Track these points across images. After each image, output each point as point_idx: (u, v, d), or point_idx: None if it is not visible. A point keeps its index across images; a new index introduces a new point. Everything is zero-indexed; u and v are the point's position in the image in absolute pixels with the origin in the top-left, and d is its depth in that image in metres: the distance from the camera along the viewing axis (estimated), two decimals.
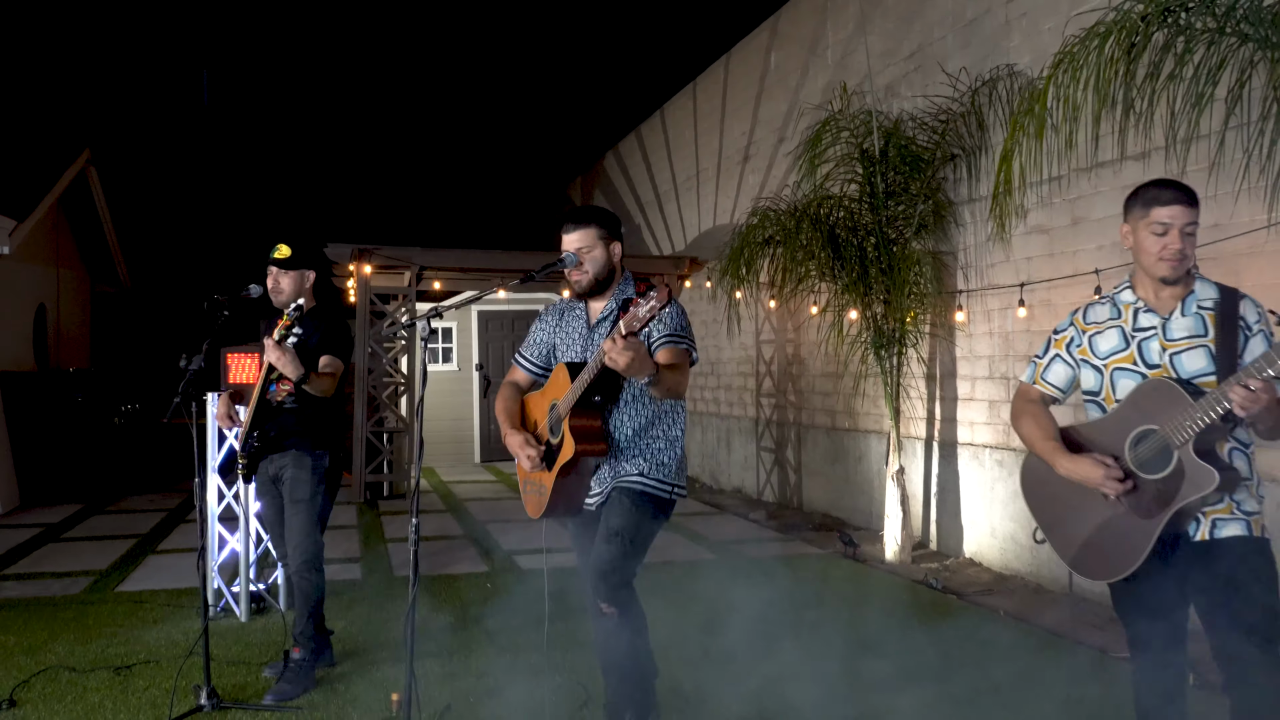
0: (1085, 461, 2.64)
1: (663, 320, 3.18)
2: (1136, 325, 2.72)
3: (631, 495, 3.23)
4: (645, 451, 3.27)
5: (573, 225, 3.29)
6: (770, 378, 10.62)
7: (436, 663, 4.59)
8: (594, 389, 3.10)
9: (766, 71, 10.81)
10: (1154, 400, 2.58)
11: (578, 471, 3.23)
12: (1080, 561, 2.72)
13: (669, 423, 3.34)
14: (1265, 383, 2.34)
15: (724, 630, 5.08)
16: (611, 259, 3.32)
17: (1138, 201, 2.70)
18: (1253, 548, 2.58)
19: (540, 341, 3.50)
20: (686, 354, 3.18)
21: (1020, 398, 2.94)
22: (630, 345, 2.75)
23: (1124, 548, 2.58)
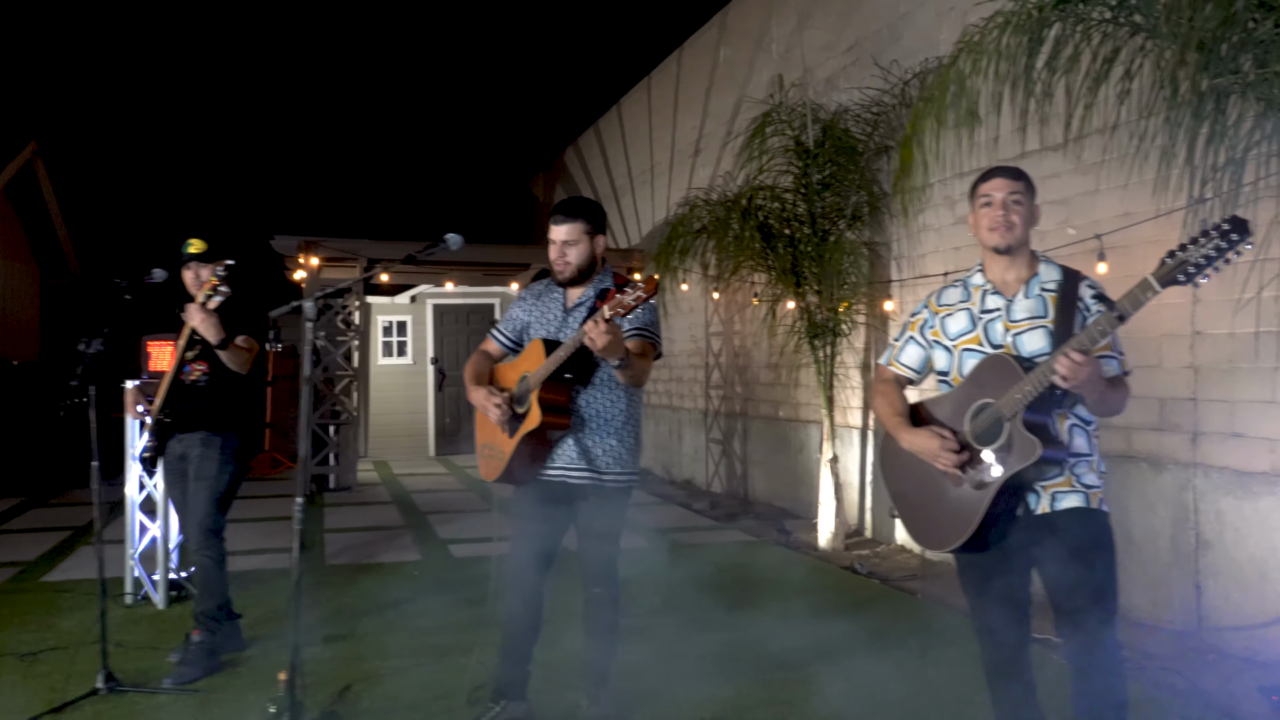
0: (924, 434, 2.70)
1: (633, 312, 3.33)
2: (984, 307, 2.78)
3: (617, 497, 3.46)
4: (614, 437, 3.44)
5: (562, 218, 3.45)
6: (719, 369, 10.67)
7: (347, 646, 4.61)
8: (567, 366, 3.27)
9: (715, 66, 10.86)
10: (991, 375, 2.63)
11: (539, 442, 3.38)
12: (921, 532, 2.77)
13: (634, 410, 3.55)
14: (1085, 355, 2.40)
15: (634, 613, 5.11)
16: (594, 251, 3.49)
17: (973, 191, 2.81)
18: (1091, 519, 2.64)
19: (517, 318, 3.65)
20: (653, 347, 3.42)
21: (877, 378, 3.02)
22: (611, 329, 2.96)
23: (958, 518, 2.63)
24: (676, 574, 6.08)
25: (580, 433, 3.40)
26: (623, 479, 3.45)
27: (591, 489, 3.41)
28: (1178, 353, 4.99)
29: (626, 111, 13.99)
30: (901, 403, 2.89)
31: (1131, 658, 4.52)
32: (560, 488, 3.43)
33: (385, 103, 20.36)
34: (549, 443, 3.41)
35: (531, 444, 3.36)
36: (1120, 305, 2.41)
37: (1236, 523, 4.68)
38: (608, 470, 3.41)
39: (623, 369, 3.17)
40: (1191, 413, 4.93)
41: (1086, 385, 2.44)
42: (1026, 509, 2.66)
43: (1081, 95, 4.11)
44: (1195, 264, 2.29)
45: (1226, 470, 4.73)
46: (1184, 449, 4.96)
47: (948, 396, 2.78)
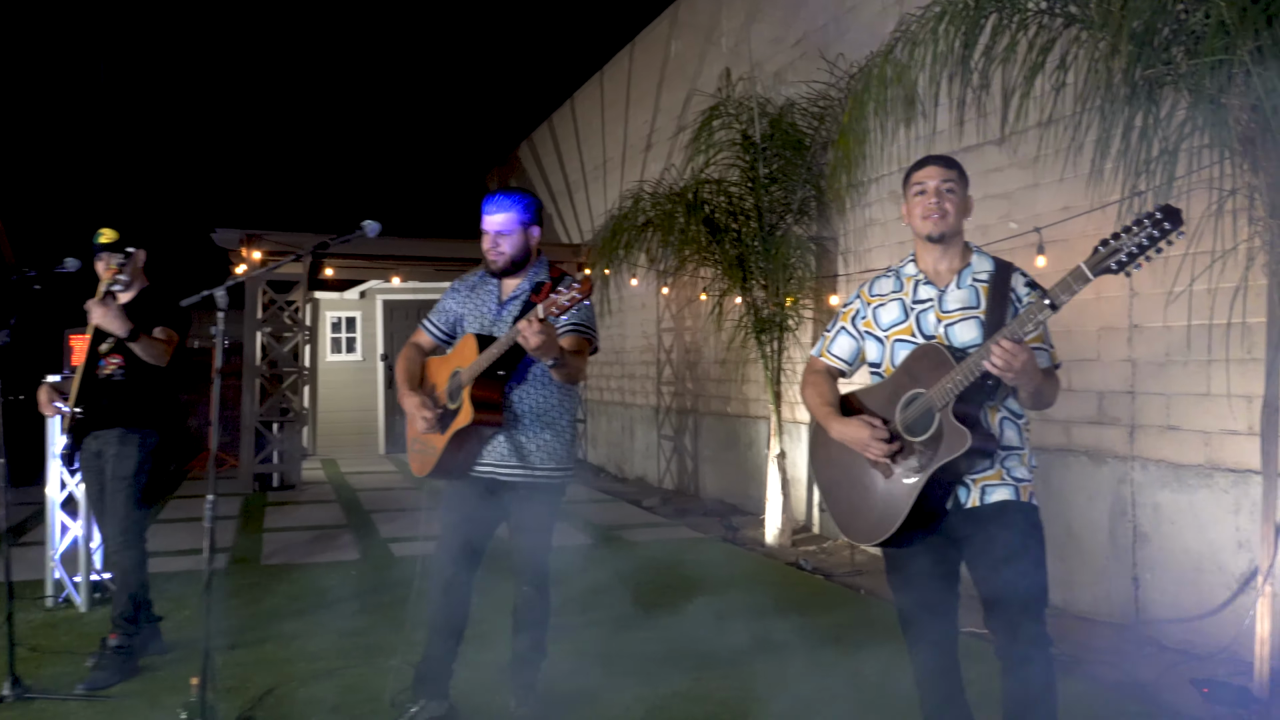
0: (854, 424, 2.65)
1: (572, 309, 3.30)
2: (916, 297, 2.74)
3: (549, 493, 3.41)
4: (548, 431, 3.38)
5: (495, 207, 3.39)
6: (670, 366, 10.61)
7: (273, 648, 4.48)
8: (500, 363, 3.21)
9: (667, 60, 10.80)
10: (923, 364, 2.59)
11: (470, 438, 3.32)
12: (850, 525, 2.71)
13: (569, 405, 3.49)
14: (1018, 343, 2.35)
15: (566, 612, 5.02)
16: (529, 242, 3.42)
17: (906, 179, 2.77)
18: (1020, 513, 2.60)
19: (449, 309, 3.57)
20: (589, 343, 3.37)
21: (808, 369, 2.96)
22: (545, 329, 2.92)
23: (887, 511, 2.58)
24: (617, 572, 6.01)
25: (514, 429, 3.33)
26: (557, 474, 3.40)
27: (524, 484, 3.35)
28: (1115, 346, 5.00)
29: (580, 106, 13.89)
30: (832, 393, 2.84)
31: (1069, 651, 4.52)
32: (491, 484, 3.37)
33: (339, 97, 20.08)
34: (481, 439, 3.34)
35: (463, 440, 3.30)
36: (1052, 294, 2.37)
37: (1173, 515, 4.69)
38: (541, 465, 3.35)
39: (557, 367, 3.13)
40: (1129, 406, 4.94)
41: (1023, 375, 2.39)
42: (956, 502, 2.62)
43: (1018, 85, 4.08)
44: (1128, 253, 2.26)
45: (1163, 463, 4.75)
46: (1122, 442, 4.97)
47: (879, 387, 2.73)
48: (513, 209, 3.36)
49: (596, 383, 13.09)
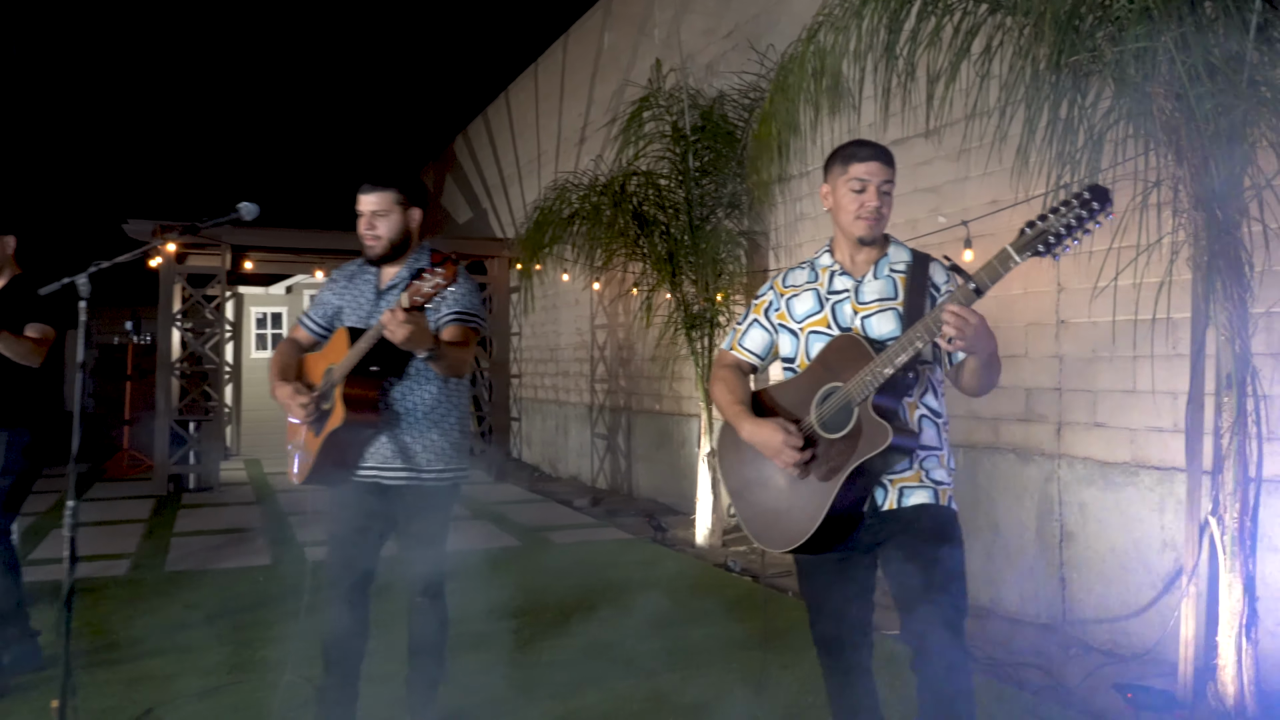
0: (768, 426, 2.48)
1: (452, 297, 3.09)
2: (831, 288, 2.59)
3: (439, 496, 3.17)
4: (434, 430, 3.15)
5: (370, 187, 3.12)
6: (603, 363, 10.42)
7: (163, 662, 4.20)
8: (372, 359, 2.96)
9: (600, 51, 10.60)
10: (840, 356, 2.43)
11: (347, 439, 3.06)
12: (762, 530, 2.55)
13: (457, 401, 3.24)
14: (965, 308, 2.20)
15: (479, 619, 4.82)
16: (408, 225, 3.16)
17: (836, 160, 2.58)
18: (939, 517, 2.46)
19: (326, 302, 3.29)
20: (474, 333, 3.12)
21: (717, 364, 2.79)
22: (410, 320, 2.68)
23: (801, 514, 2.41)
24: (538, 575, 5.82)
25: (396, 428, 3.09)
26: (446, 476, 3.15)
27: (410, 489, 3.10)
28: (1043, 342, 4.92)
29: (514, 99, 13.63)
30: (743, 390, 2.67)
31: (996, 654, 4.43)
32: (375, 488, 3.11)
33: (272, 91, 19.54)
34: (360, 440, 3.09)
35: (339, 442, 3.03)
36: (977, 278, 2.23)
37: (1099, 514, 4.62)
38: (428, 468, 3.11)
39: (434, 360, 2.90)
40: (1056, 403, 4.86)
41: (978, 339, 2.23)
42: (873, 505, 2.46)
43: (943, 72, 3.95)
44: (1055, 234, 2.14)
45: (1090, 461, 4.67)
46: (1049, 440, 4.89)
47: (793, 381, 2.57)
48: (390, 188, 3.11)
49: (530, 380, 12.85)
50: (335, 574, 3.16)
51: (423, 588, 3.21)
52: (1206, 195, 3.34)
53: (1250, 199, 3.43)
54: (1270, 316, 3.82)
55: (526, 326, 12.89)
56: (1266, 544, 3.84)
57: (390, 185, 3.10)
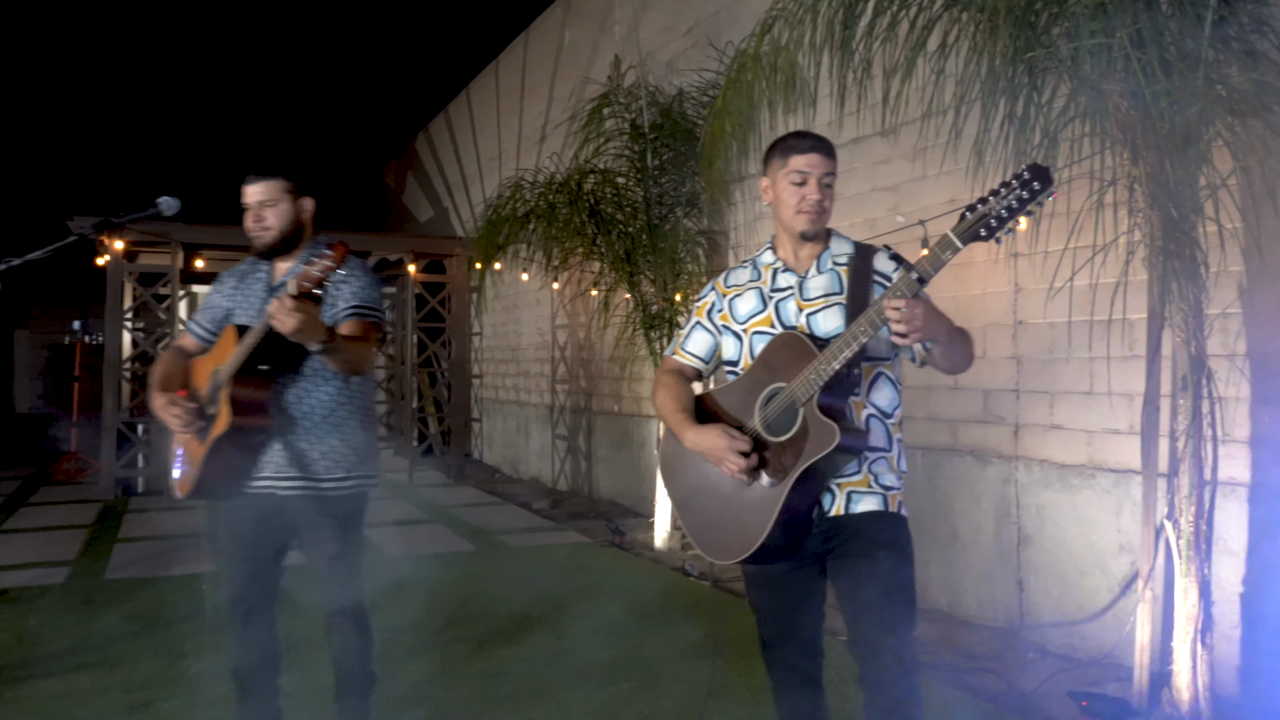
0: (711, 432, 2.37)
1: (349, 289, 2.89)
2: (775, 286, 2.49)
3: (343, 507, 2.91)
4: (334, 435, 2.91)
5: (255, 177, 2.92)
6: (564, 363, 10.30)
7: (92, 676, 4.04)
8: (261, 356, 2.74)
9: (561, 48, 10.48)
10: (783, 355, 2.34)
11: (236, 447, 2.81)
12: (709, 541, 2.44)
13: (361, 402, 3.01)
14: (906, 299, 2.10)
15: (426, 628, 4.70)
16: (300, 214, 2.96)
17: (776, 152, 2.48)
18: (888, 524, 2.37)
19: (216, 305, 3.05)
20: (374, 328, 2.90)
21: (660, 370, 2.68)
22: (300, 308, 2.47)
23: (749, 523, 2.31)
24: (490, 582, 5.70)
25: (291, 434, 2.84)
26: (349, 484, 2.91)
27: (309, 500, 2.85)
28: (1001, 343, 4.87)
29: (475, 96, 13.48)
30: (685, 397, 2.56)
31: (953, 659, 4.36)
32: (270, 501, 2.86)
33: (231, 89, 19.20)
34: (250, 447, 2.84)
35: (226, 450, 2.78)
36: (920, 266, 2.14)
37: (1056, 517, 4.57)
38: (327, 475, 2.87)
39: (329, 355, 2.67)
40: (1014, 405, 4.81)
41: (929, 326, 2.12)
42: (820, 511, 2.37)
43: (899, 66, 3.88)
44: (997, 216, 2.05)
45: (1047, 463, 4.63)
46: (1007, 442, 4.84)
47: (735, 384, 2.47)
48: (277, 176, 2.93)
49: (492, 380, 12.71)
50: (232, 597, 2.92)
51: (339, 611, 2.94)
52: (1162, 194, 3.28)
53: (1206, 198, 3.39)
54: (1226, 318, 3.79)
55: (488, 326, 12.74)
56: (1222, 547, 3.81)
57: (277, 173, 2.92)
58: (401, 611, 4.99)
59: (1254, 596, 3.76)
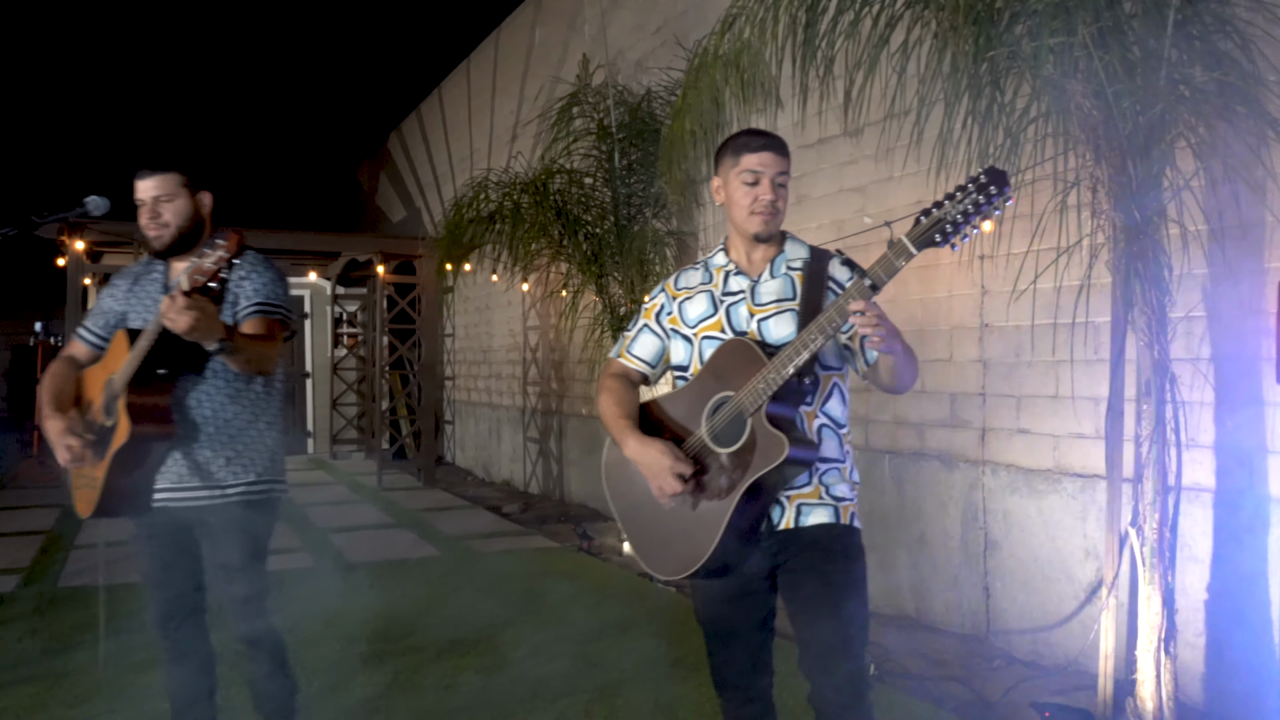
0: (654, 448, 2.28)
1: (252, 286, 2.75)
2: (726, 289, 2.40)
3: (247, 515, 2.75)
4: (239, 440, 2.77)
5: (148, 172, 2.78)
6: (535, 365, 10.20)
7: (32, 690, 3.93)
8: (157, 359, 2.59)
9: (531, 48, 10.38)
10: (731, 363, 2.26)
11: (137, 458, 2.66)
12: (654, 555, 2.36)
13: (268, 404, 2.87)
14: (871, 303, 2.02)
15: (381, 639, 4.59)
16: (199, 210, 2.83)
17: (728, 151, 2.40)
18: (840, 538, 2.28)
19: (108, 309, 2.89)
20: (279, 325, 2.76)
21: (604, 373, 2.59)
22: (193, 305, 2.34)
23: (696, 535, 2.23)
24: (450, 589, 5.59)
25: (193, 440, 2.70)
26: (256, 491, 2.76)
27: (213, 510, 2.71)
28: (967, 346, 4.82)
29: (447, 96, 13.36)
30: (629, 401, 2.47)
31: (918, 667, 4.31)
32: (176, 514, 2.72)
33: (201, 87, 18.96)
34: (152, 459, 2.69)
35: (128, 463, 2.63)
36: (873, 273, 2.06)
37: (1023, 522, 4.52)
38: (234, 482, 2.73)
39: (229, 354, 2.53)
40: (981, 408, 4.76)
41: (892, 333, 2.06)
42: (769, 524, 2.29)
43: (863, 63, 3.81)
44: (952, 221, 1.97)
45: (1014, 468, 4.58)
46: (974, 446, 4.79)
47: (683, 391, 2.39)
48: (172, 170, 2.78)
49: (464, 383, 12.59)
50: (156, 615, 2.79)
51: (242, 627, 2.75)
52: (1124, 196, 3.23)
53: (1169, 200, 3.34)
54: (1190, 321, 3.74)
55: (460, 328, 12.62)
56: (1187, 554, 3.76)
57: (172, 167, 2.77)
58: (359, 621, 4.89)
59: (1219, 603, 3.72)
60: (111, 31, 17.63)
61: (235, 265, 2.65)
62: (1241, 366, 3.62)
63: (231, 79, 18.66)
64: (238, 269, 2.73)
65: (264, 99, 18.94)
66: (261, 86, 18.65)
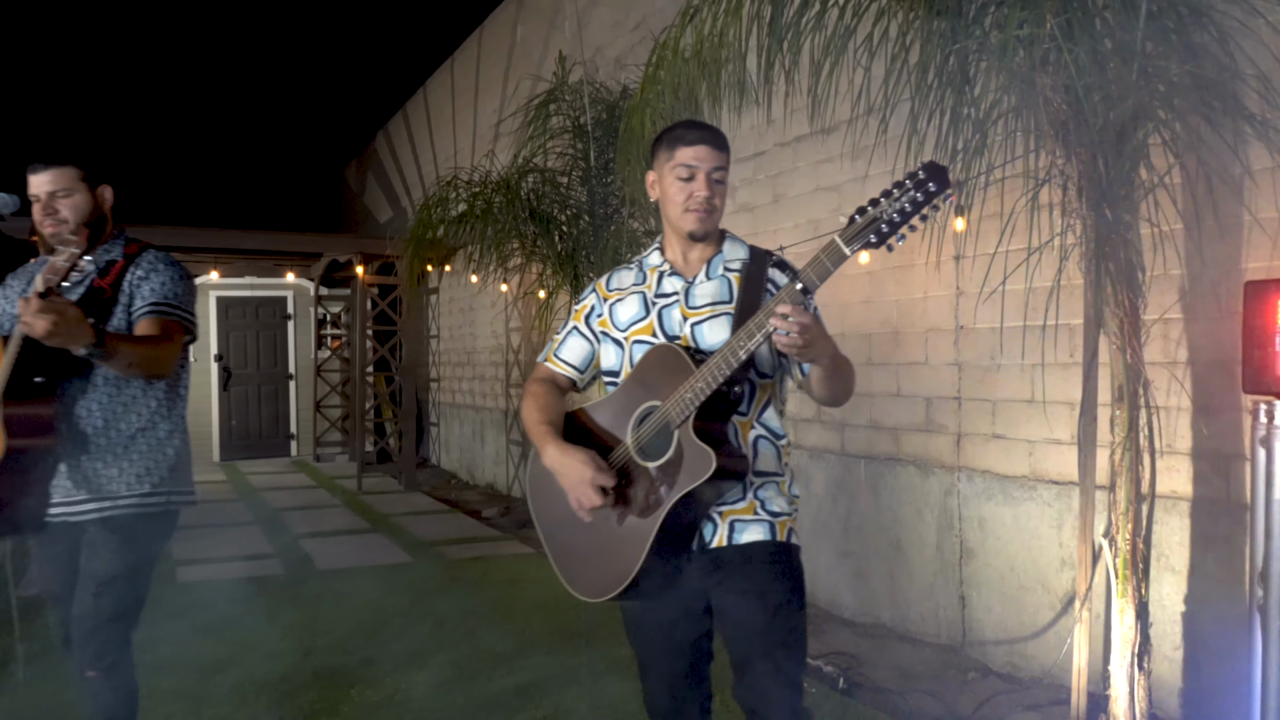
0: (576, 457, 2.14)
1: (148, 285, 2.61)
2: (660, 291, 2.26)
3: (133, 528, 2.58)
4: (132, 450, 2.60)
5: (42, 166, 2.62)
6: (518, 367, 10.07)
7: None
8: (31, 366, 2.43)
9: (514, 45, 10.25)
10: (657, 371, 2.12)
11: (20, 473, 2.48)
12: (578, 575, 2.24)
13: (166, 410, 2.68)
14: (795, 309, 1.88)
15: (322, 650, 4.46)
16: (100, 205, 2.68)
17: (662, 144, 2.25)
18: (776, 558, 2.14)
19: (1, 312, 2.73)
20: (177, 327, 2.60)
21: (531, 377, 2.45)
22: (50, 308, 2.17)
23: (620, 555, 2.11)
24: (417, 596, 5.45)
25: (84, 452, 2.54)
26: (152, 502, 2.59)
27: (100, 524, 2.54)
28: (943, 349, 4.69)
29: (431, 95, 13.22)
30: (553, 408, 2.33)
31: (890, 680, 4.18)
32: (67, 531, 2.56)
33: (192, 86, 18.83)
34: (37, 473, 2.53)
35: (10, 479, 2.46)
36: (804, 276, 1.92)
37: (998, 530, 4.40)
38: (128, 493, 2.56)
39: (106, 359, 2.37)
40: (956, 413, 4.63)
41: (818, 341, 1.92)
42: (701, 541, 2.15)
43: (830, 52, 3.67)
44: (889, 221, 1.83)
45: (989, 474, 4.45)
46: (949, 451, 4.66)
47: (610, 400, 2.25)
48: (68, 163, 2.61)
49: (449, 384, 12.45)
50: (65, 640, 2.64)
51: (89, 655, 2.53)
52: (1095, 194, 3.10)
53: (1142, 199, 3.21)
54: (1166, 323, 3.62)
55: (444, 329, 12.49)
56: (1163, 564, 3.64)
57: (68, 160, 2.62)
58: (317, 630, 4.76)
59: (1196, 615, 3.60)
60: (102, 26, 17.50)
61: (134, 265, 2.54)
62: (1219, 370, 3.49)
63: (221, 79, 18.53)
64: (135, 269, 2.61)
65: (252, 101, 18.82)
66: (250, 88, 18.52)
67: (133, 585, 2.59)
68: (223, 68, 18.44)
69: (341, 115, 17.60)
